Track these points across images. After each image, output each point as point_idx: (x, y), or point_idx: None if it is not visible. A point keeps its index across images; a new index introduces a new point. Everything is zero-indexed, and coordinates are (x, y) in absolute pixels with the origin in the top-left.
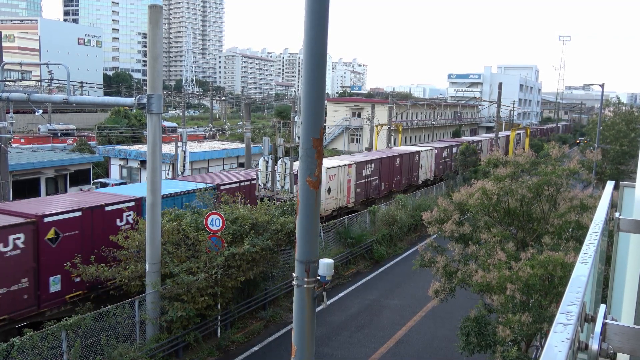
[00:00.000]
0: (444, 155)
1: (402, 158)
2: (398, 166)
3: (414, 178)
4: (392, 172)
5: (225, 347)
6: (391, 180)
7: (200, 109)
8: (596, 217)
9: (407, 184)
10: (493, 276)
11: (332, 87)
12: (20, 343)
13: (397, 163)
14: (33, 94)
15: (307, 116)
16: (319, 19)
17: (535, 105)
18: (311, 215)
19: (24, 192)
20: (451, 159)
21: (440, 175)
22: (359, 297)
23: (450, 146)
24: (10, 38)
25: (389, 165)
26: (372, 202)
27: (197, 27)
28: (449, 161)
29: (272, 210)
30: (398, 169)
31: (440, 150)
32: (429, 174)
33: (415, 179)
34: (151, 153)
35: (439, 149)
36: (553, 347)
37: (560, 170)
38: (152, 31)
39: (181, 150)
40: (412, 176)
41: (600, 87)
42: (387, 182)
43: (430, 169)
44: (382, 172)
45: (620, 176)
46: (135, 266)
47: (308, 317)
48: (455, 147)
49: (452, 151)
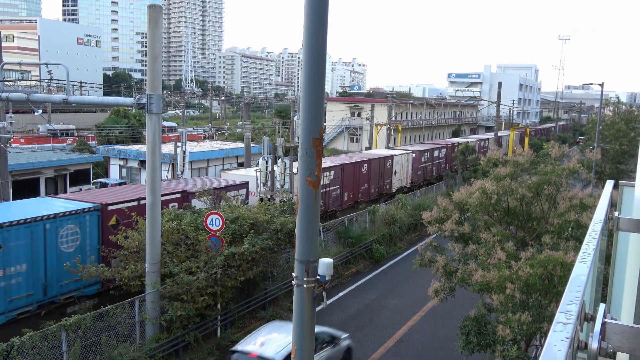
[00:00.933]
0: (423, 159)
1: (371, 164)
2: (365, 173)
3: (385, 186)
4: (358, 180)
5: (225, 347)
6: (356, 190)
7: (199, 108)
8: (596, 216)
9: (377, 193)
10: (493, 275)
11: (332, 86)
12: (20, 343)
13: (365, 169)
14: (32, 94)
15: (306, 116)
16: (319, 19)
17: (534, 105)
18: (311, 215)
19: (23, 192)
20: (432, 163)
21: (419, 181)
22: (359, 297)
23: (432, 149)
24: (10, 38)
25: (353, 172)
26: (331, 216)
27: (196, 27)
28: (430, 166)
29: (271, 210)
30: (365, 177)
31: (419, 154)
32: (404, 181)
33: (387, 187)
34: (151, 153)
35: (418, 152)
36: (553, 346)
37: (560, 169)
38: (151, 31)
39: (181, 150)
40: (383, 184)
41: (599, 86)
42: (351, 191)
43: (407, 175)
44: (345, 181)
45: (619, 175)
46: (135, 266)
47: (308, 317)
48: (437, 150)
49: (434, 154)
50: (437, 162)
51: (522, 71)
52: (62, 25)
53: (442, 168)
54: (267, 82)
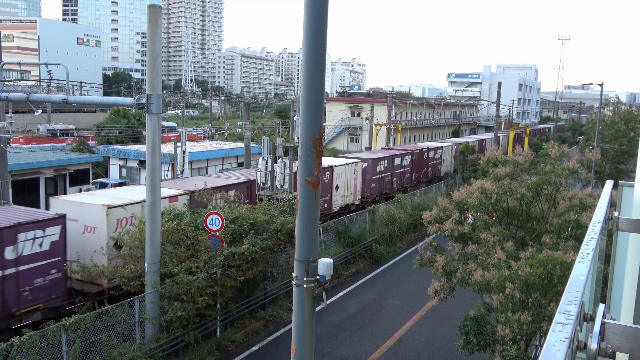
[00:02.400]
0: (379, 169)
1: None
2: None
3: (323, 204)
4: None
5: (225, 347)
6: None
7: (199, 108)
8: (595, 216)
9: None
10: (492, 275)
11: (332, 86)
12: (20, 343)
13: None
14: (32, 94)
15: (306, 116)
16: (318, 19)
17: (534, 105)
18: (311, 215)
19: (23, 192)
20: (392, 173)
21: (374, 196)
22: (359, 297)
23: (392, 156)
24: (10, 38)
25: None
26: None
27: (196, 27)
28: (389, 177)
29: (271, 210)
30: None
31: (372, 163)
32: (351, 197)
33: (325, 206)
34: (150, 153)
35: (371, 161)
36: (552, 346)
37: (560, 169)
38: (151, 31)
39: (180, 150)
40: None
41: (599, 86)
42: None
43: (354, 190)
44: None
45: (619, 175)
46: (134, 266)
47: (308, 317)
48: (399, 157)
49: (395, 163)
50: (399, 172)
51: (522, 71)
52: (62, 25)
53: (407, 179)
54: (267, 82)
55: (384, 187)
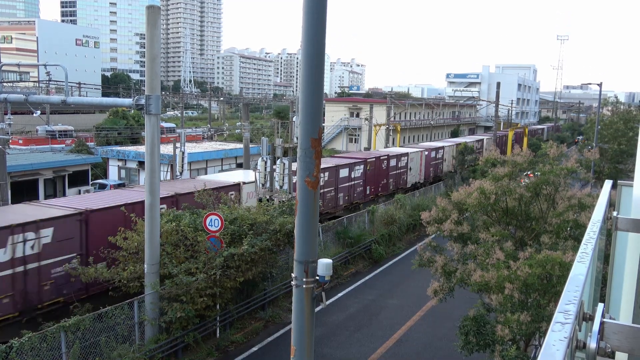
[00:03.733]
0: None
1: (178, 201)
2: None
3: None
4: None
5: (224, 348)
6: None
7: (198, 109)
8: (594, 216)
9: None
10: (492, 275)
11: (331, 87)
12: (19, 344)
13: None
14: (31, 95)
15: (305, 116)
16: (317, 19)
17: (533, 105)
18: (310, 216)
19: (22, 193)
20: (364, 179)
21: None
22: (358, 297)
23: (365, 160)
24: (8, 39)
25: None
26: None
27: (195, 28)
28: (333, 192)
29: (270, 210)
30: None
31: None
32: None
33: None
34: (149, 154)
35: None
36: (551, 345)
37: (559, 169)
38: (150, 32)
39: (180, 151)
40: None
41: (598, 86)
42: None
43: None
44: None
45: (618, 175)
46: (134, 267)
47: (307, 318)
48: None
49: (367, 169)
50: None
51: (521, 71)
52: (61, 26)
53: (359, 193)
54: (266, 82)
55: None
